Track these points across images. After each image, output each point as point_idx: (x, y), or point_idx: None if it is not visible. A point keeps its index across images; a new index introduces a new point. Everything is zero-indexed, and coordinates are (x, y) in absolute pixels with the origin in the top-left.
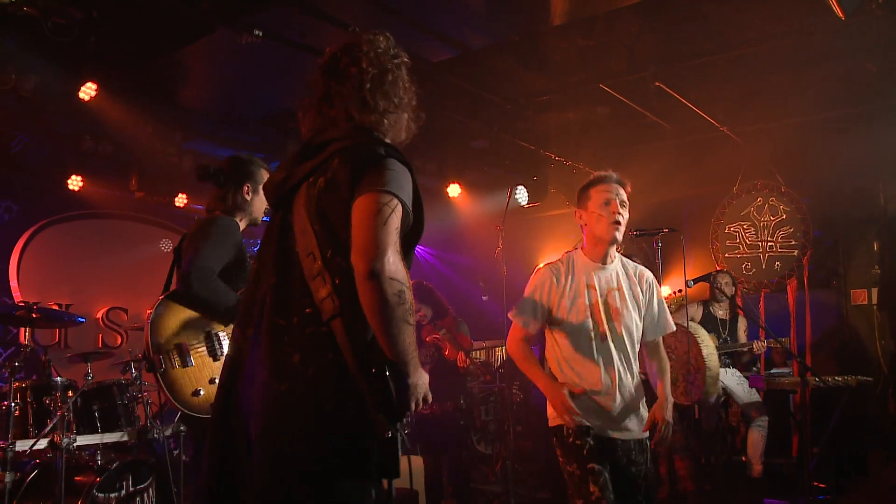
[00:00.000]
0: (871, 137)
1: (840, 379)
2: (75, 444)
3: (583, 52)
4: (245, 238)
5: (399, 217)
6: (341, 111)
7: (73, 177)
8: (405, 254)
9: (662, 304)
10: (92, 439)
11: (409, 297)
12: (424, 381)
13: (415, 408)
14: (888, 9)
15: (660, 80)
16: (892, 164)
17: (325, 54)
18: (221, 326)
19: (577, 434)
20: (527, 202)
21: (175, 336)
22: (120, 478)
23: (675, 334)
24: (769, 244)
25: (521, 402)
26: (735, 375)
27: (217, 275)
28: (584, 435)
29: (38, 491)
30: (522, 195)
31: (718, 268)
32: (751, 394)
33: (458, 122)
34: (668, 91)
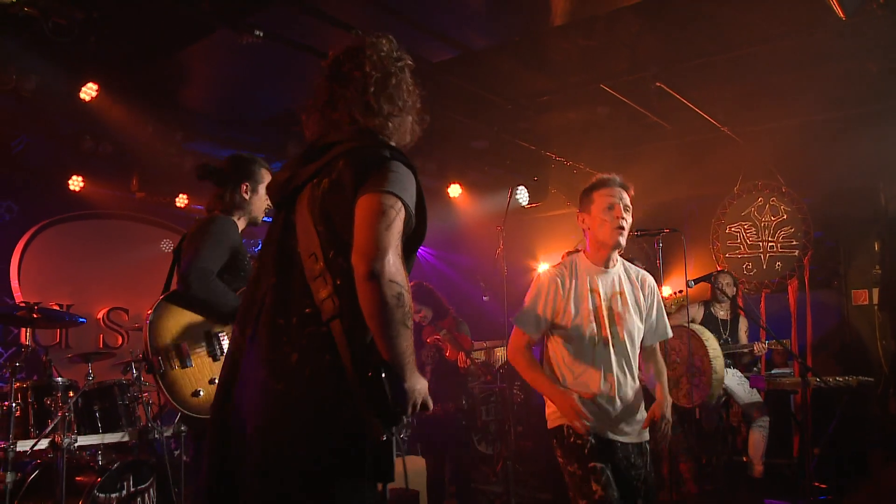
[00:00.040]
0: (872, 138)
1: (841, 379)
2: (76, 445)
3: (584, 53)
4: (245, 238)
5: (402, 220)
6: (345, 115)
7: (74, 177)
8: (406, 257)
9: (662, 309)
10: (93, 439)
11: (408, 300)
12: (423, 386)
13: (411, 413)
14: (889, 9)
15: (661, 81)
16: (893, 165)
17: (328, 58)
18: (221, 327)
19: (578, 434)
20: (527, 202)
21: (174, 337)
22: (121, 478)
23: (678, 336)
24: (770, 244)
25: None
26: (736, 376)
27: (216, 275)
28: (584, 435)
29: (39, 491)
30: (523, 195)
31: (719, 268)
32: (752, 394)
33: (459, 123)
34: (669, 91)
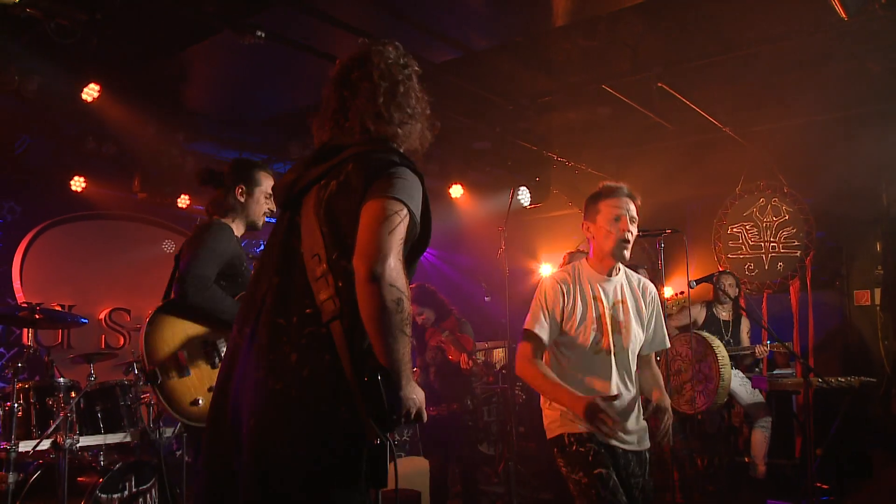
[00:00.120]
0: (874, 138)
1: (843, 380)
2: (78, 445)
3: (585, 53)
4: (246, 239)
5: (406, 226)
6: (356, 123)
7: (76, 178)
8: (409, 264)
9: (661, 319)
10: (95, 440)
11: (408, 306)
12: (418, 396)
13: (405, 422)
14: (891, 9)
15: (662, 81)
16: (895, 165)
17: (335, 65)
18: (219, 334)
19: (580, 441)
20: (529, 203)
21: (171, 347)
22: (123, 478)
23: (684, 340)
24: (772, 245)
25: (524, 402)
26: (738, 376)
27: (213, 281)
28: (587, 442)
29: (41, 492)
30: (525, 196)
31: (721, 268)
32: (753, 395)
33: (461, 123)
34: (671, 92)
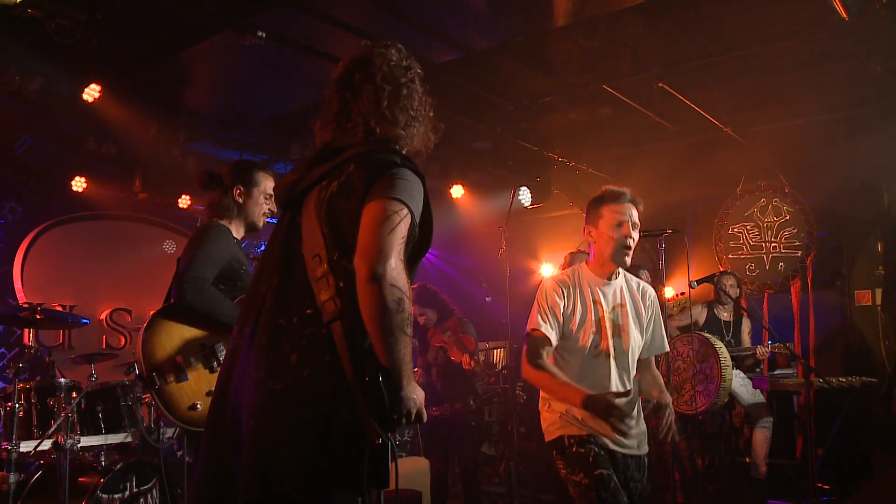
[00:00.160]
0: (875, 138)
1: (844, 380)
2: (79, 445)
3: (586, 53)
4: (246, 240)
5: (406, 226)
6: (359, 124)
7: (77, 178)
8: (410, 265)
9: (661, 323)
10: (96, 440)
11: (409, 307)
12: (419, 396)
13: (406, 422)
14: (892, 9)
15: (663, 81)
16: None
17: (337, 67)
18: (217, 337)
19: (581, 443)
20: (530, 203)
21: (168, 352)
22: (123, 479)
23: (685, 340)
24: (773, 245)
25: (525, 403)
26: (739, 377)
27: (211, 283)
28: (587, 443)
29: (42, 492)
30: (526, 196)
31: (722, 269)
32: (754, 395)
33: (462, 123)
34: (672, 92)
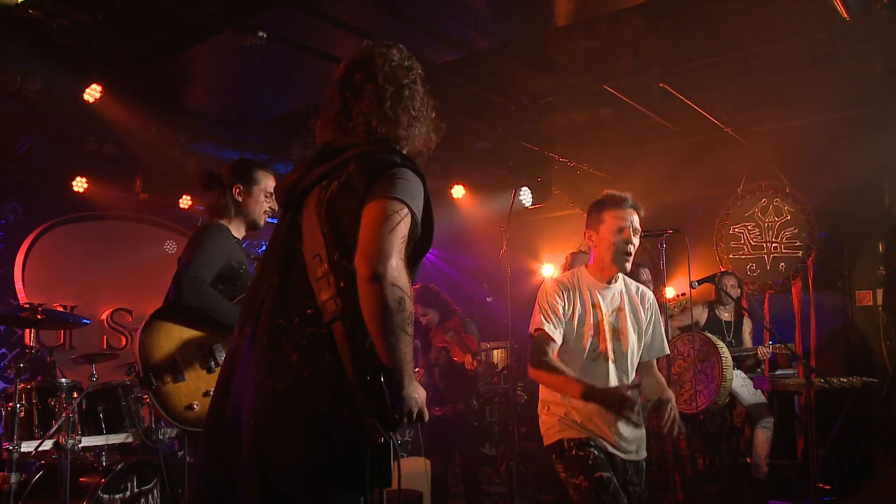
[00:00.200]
0: (877, 138)
1: (845, 380)
2: (80, 446)
3: (587, 54)
4: (248, 240)
5: (407, 226)
6: (360, 124)
7: (78, 178)
8: (411, 265)
9: (660, 326)
10: (97, 440)
11: (410, 306)
12: (420, 395)
13: (407, 421)
14: (893, 9)
15: (664, 81)
16: None
17: (339, 67)
18: (215, 338)
19: (580, 445)
20: (531, 203)
21: (166, 352)
22: (125, 479)
23: (687, 340)
24: (774, 245)
25: (525, 403)
26: (740, 377)
27: (210, 283)
28: (586, 446)
29: (44, 492)
30: (526, 196)
31: (723, 269)
32: (755, 395)
33: (462, 124)
34: (673, 92)
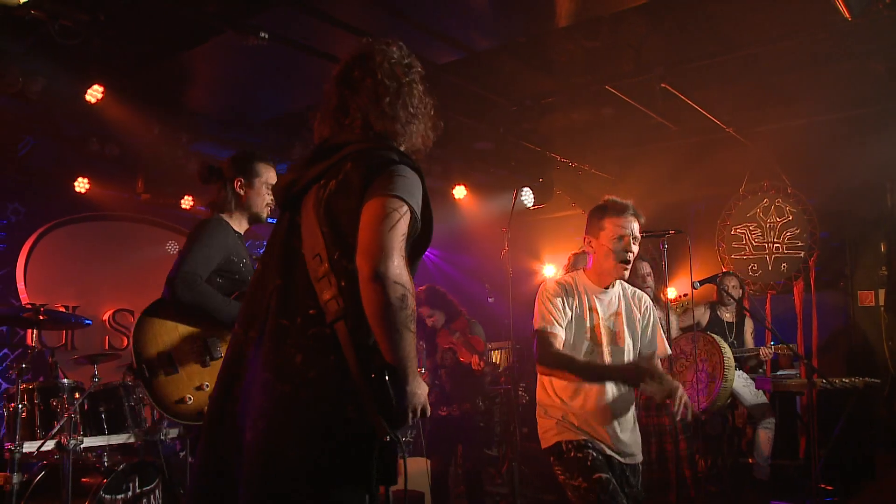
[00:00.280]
0: (878, 138)
1: (847, 381)
2: (82, 446)
3: (588, 54)
4: (250, 239)
5: (407, 223)
6: (357, 120)
7: (80, 179)
8: (412, 261)
9: (657, 328)
10: (99, 441)
11: (412, 303)
12: (423, 391)
13: (412, 418)
14: (895, 9)
15: (666, 82)
16: None
17: (338, 64)
18: (210, 332)
19: (578, 447)
20: (532, 204)
21: (159, 345)
22: (126, 479)
23: (689, 338)
24: (775, 245)
25: (527, 403)
26: (741, 377)
27: (206, 278)
28: (584, 448)
29: (45, 492)
30: (528, 197)
31: (724, 269)
32: (757, 396)
33: (464, 124)
34: (674, 92)
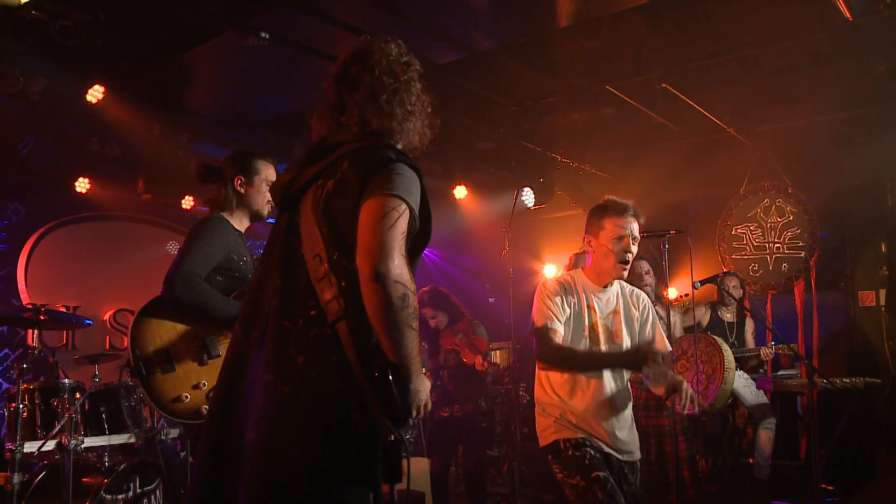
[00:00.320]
0: (879, 138)
1: (848, 381)
2: (83, 446)
3: (589, 54)
4: (251, 239)
5: (406, 221)
6: (354, 117)
7: (81, 179)
8: (411, 259)
9: (656, 326)
10: (99, 441)
11: (413, 301)
12: (425, 388)
13: (416, 415)
14: None
15: (666, 82)
16: None
17: (337, 61)
18: (208, 331)
19: (576, 446)
20: (533, 204)
21: (157, 342)
22: (127, 479)
23: (690, 339)
24: (776, 245)
25: (527, 403)
26: (742, 377)
27: (205, 277)
28: (582, 446)
29: (46, 492)
30: (529, 197)
31: (725, 269)
32: (758, 396)
33: (464, 124)
34: (675, 92)
